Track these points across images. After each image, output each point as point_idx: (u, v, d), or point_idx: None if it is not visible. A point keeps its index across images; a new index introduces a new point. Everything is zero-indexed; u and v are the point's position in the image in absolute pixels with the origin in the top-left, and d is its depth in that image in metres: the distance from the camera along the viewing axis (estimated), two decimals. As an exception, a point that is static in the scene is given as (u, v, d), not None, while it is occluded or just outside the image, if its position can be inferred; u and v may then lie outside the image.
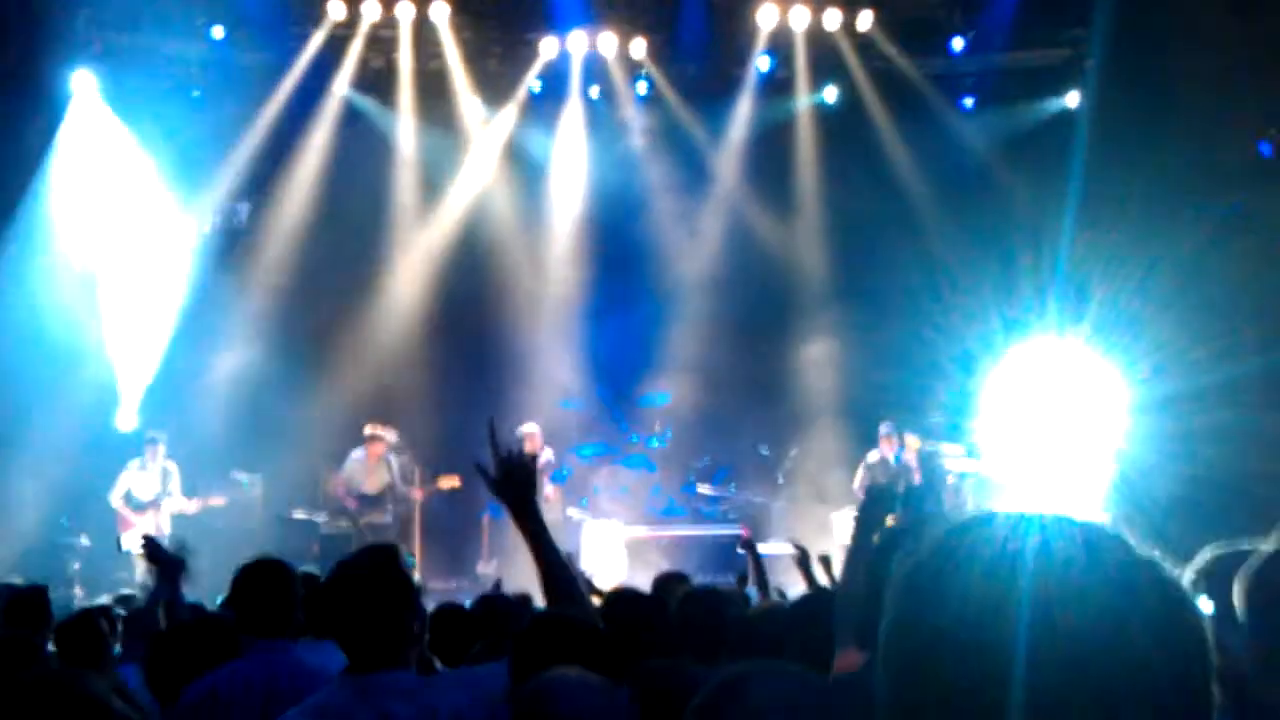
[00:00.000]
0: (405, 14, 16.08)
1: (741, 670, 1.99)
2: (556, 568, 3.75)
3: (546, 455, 14.32)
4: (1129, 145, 15.65)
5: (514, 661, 3.22)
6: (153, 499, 13.82)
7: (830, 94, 17.37)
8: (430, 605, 5.32)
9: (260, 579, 4.55)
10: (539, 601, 4.25)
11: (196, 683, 4.26)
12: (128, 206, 15.67)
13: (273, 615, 4.44)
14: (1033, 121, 17.00)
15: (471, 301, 16.57)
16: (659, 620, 4.63)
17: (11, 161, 14.59)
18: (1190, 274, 14.70)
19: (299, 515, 14.62)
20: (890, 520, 3.73)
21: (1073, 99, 17.01)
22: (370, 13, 15.96)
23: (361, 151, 16.63)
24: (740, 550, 11.64)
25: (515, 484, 3.73)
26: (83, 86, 15.54)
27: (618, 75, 17.05)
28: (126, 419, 15.15)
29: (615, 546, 14.02)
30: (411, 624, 3.41)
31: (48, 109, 15.36)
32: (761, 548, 13.29)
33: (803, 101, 17.23)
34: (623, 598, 5.15)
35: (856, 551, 3.53)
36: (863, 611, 3.22)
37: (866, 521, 3.60)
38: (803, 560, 7.46)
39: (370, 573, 3.45)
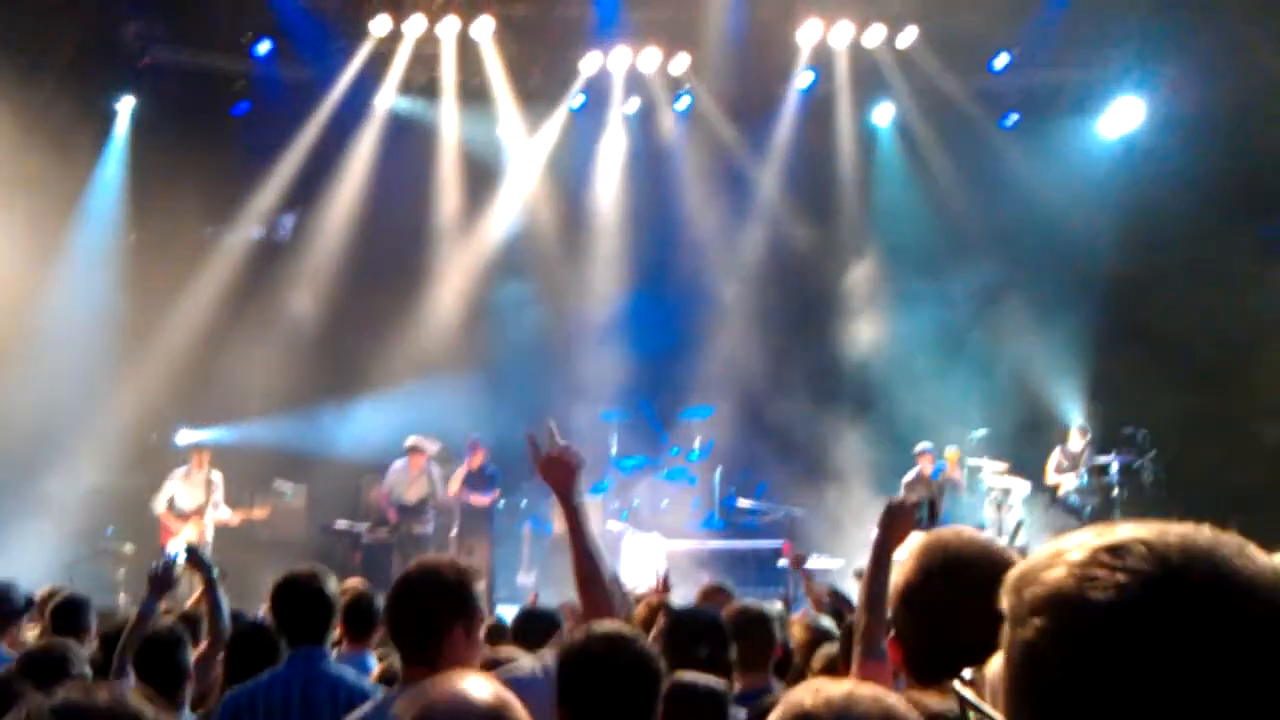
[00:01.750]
0: (449, 30, 16.18)
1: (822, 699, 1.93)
2: (588, 556, 3.85)
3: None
4: (1174, 164, 15.61)
5: (561, 674, 3.24)
6: (196, 508, 13.88)
7: (872, 110, 17.38)
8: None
9: (297, 589, 4.61)
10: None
11: (237, 689, 4.33)
12: (176, 219, 15.82)
13: (310, 624, 4.50)
14: (1075, 138, 16.92)
15: (513, 314, 16.65)
16: (716, 635, 4.68)
17: (63, 172, 14.76)
18: (1231, 293, 14.67)
19: (341, 525, 14.70)
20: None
21: (1116, 116, 16.94)
22: (414, 29, 16.07)
23: (404, 165, 16.76)
24: (786, 565, 11.63)
25: (560, 468, 3.90)
26: (127, 107, 15.82)
27: (659, 91, 17.12)
28: (185, 435, 15.20)
29: (655, 559, 14.01)
30: (465, 630, 3.49)
31: (98, 119, 15.57)
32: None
33: (844, 117, 17.23)
34: (682, 613, 5.23)
35: (877, 565, 3.56)
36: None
37: (887, 536, 3.64)
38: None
39: (422, 582, 3.60)
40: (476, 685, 2.36)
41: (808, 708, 1.86)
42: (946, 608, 2.32)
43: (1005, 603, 1.28)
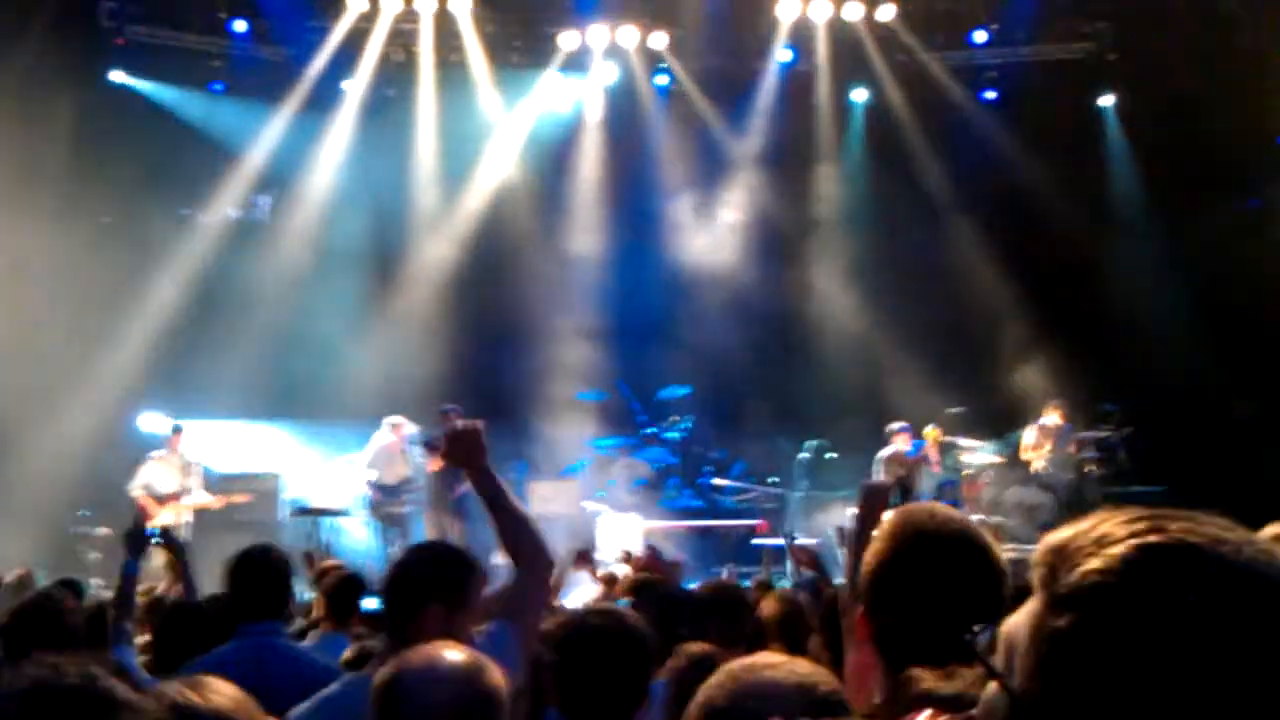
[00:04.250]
0: (426, 7, 16.14)
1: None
2: (513, 526, 3.88)
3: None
4: (1151, 139, 15.62)
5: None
6: (173, 490, 13.81)
7: (850, 86, 17.36)
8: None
9: (253, 566, 4.60)
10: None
11: (190, 665, 4.31)
12: (155, 199, 15.74)
13: (265, 600, 4.50)
14: (1054, 115, 16.91)
15: (491, 293, 16.60)
16: (687, 610, 4.70)
17: (45, 150, 14.66)
18: (1211, 270, 14.71)
19: (316, 506, 14.63)
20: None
21: (1095, 93, 16.95)
22: (391, 6, 16.01)
23: (382, 144, 16.70)
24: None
25: (463, 449, 3.89)
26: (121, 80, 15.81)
27: (638, 68, 17.07)
28: (151, 419, 15.08)
29: (632, 539, 14.00)
30: (445, 610, 3.52)
31: (75, 99, 15.44)
32: (778, 540, 13.36)
33: (823, 93, 17.21)
34: (652, 589, 5.26)
35: (856, 547, 3.55)
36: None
37: (865, 518, 3.62)
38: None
39: (410, 562, 3.77)
40: (448, 649, 2.38)
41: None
42: (917, 586, 2.31)
43: (1036, 574, 1.23)
